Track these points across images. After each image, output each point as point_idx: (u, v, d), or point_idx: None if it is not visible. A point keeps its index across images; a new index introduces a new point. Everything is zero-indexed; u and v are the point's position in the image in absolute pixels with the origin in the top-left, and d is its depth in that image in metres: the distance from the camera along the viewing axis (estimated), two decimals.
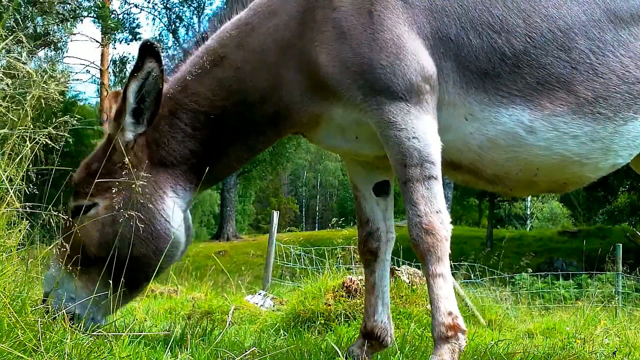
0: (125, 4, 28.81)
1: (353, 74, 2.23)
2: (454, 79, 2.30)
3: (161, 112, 2.42)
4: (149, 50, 2.33)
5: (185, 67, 2.53)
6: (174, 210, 2.43)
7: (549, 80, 2.33)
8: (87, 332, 2.23)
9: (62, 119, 2.42)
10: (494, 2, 2.34)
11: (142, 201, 2.34)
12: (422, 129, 2.22)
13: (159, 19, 31.22)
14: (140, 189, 2.32)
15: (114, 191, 2.36)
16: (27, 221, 2.44)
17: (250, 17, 2.47)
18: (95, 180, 2.33)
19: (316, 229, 45.83)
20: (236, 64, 2.41)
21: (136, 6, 29.24)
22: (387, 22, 2.24)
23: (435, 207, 2.19)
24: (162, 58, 2.35)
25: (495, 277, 10.28)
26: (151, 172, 2.41)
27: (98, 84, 28.19)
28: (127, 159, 2.34)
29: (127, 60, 28.78)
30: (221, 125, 2.44)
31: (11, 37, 2.27)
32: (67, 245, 2.27)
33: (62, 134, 2.44)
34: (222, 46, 2.46)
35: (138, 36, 28.76)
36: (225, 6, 2.65)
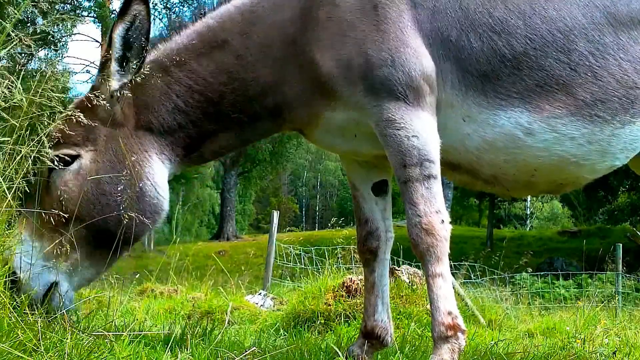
0: None
1: (354, 72, 2.23)
2: (452, 81, 2.30)
3: (153, 80, 2.36)
4: None
5: (180, 39, 2.45)
6: (160, 175, 2.38)
7: (548, 82, 2.33)
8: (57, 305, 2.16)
9: (65, 112, 2.37)
10: (494, 4, 2.33)
11: (129, 158, 2.29)
12: (422, 127, 2.22)
13: (159, 19, 31.23)
14: (126, 144, 2.28)
15: (99, 143, 2.30)
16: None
17: (255, 5, 2.42)
18: (78, 130, 2.25)
19: (316, 229, 45.82)
20: (238, 51, 2.38)
21: None
22: (388, 22, 2.24)
23: (434, 207, 2.19)
24: (149, 0, 2.28)
25: (495, 277, 10.29)
26: (137, 133, 2.36)
27: None
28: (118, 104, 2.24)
29: None
30: (216, 110, 2.40)
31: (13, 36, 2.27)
32: (42, 202, 2.19)
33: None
34: (224, 30, 2.41)
35: None
36: None
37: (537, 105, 2.33)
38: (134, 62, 2.30)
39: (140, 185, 2.31)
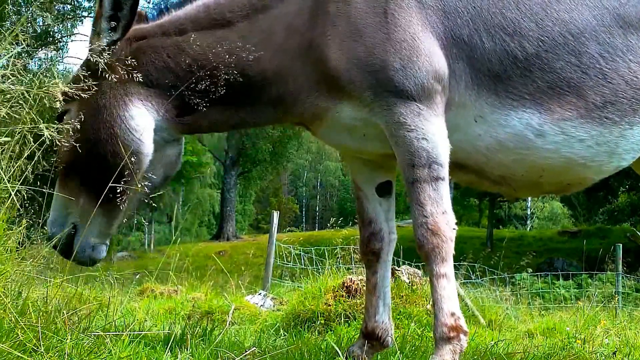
0: None
1: (365, 72, 2.22)
2: (466, 81, 2.30)
3: (148, 41, 2.44)
4: None
5: (189, 7, 2.49)
6: (138, 119, 2.39)
7: (559, 84, 2.33)
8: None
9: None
10: (507, 5, 2.33)
11: (107, 104, 2.36)
12: (432, 130, 2.22)
13: None
14: (108, 92, 2.37)
15: (85, 96, 2.34)
16: (26, 221, 2.43)
17: None
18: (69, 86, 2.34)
19: (316, 229, 45.83)
20: (242, 32, 2.39)
21: None
22: (401, 21, 2.23)
23: (441, 208, 2.19)
24: None
25: (496, 277, 10.29)
26: (124, 83, 2.39)
27: None
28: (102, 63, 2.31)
29: None
30: (207, 76, 2.38)
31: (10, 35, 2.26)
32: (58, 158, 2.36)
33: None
34: (230, 11, 2.42)
35: None
36: None
37: (549, 107, 2.33)
38: (124, 22, 2.37)
39: (114, 127, 2.37)
